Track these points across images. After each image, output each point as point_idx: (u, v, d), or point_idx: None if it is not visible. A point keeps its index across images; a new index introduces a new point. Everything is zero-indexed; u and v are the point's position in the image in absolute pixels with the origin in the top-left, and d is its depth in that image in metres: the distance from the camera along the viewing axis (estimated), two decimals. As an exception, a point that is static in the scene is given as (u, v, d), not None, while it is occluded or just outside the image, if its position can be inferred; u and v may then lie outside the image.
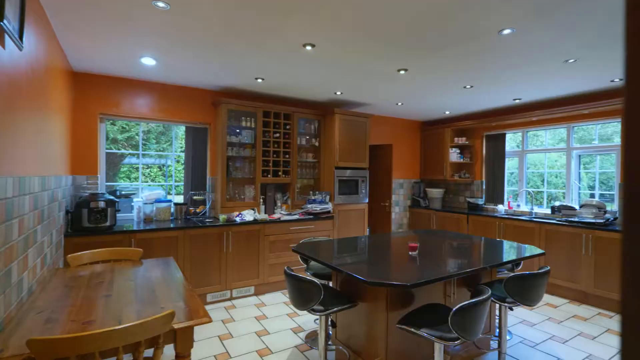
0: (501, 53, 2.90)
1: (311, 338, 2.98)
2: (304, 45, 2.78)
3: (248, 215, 4.10)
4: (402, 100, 4.73)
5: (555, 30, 2.45)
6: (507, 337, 3.06)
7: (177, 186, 5.04)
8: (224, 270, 3.81)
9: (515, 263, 2.96)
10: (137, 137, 4.99)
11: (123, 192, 4.05)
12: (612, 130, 4.49)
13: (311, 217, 4.45)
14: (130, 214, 3.96)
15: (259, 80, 3.85)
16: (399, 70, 3.39)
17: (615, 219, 4.09)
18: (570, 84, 3.80)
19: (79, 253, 2.45)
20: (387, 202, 5.78)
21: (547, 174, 5.32)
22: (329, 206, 4.63)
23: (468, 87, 3.96)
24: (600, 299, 3.80)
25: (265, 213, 4.53)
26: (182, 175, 4.53)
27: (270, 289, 4.16)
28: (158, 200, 3.90)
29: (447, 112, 5.59)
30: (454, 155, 5.80)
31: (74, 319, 1.52)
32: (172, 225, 3.57)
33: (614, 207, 4.28)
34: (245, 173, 4.46)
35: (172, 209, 4.07)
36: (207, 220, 3.99)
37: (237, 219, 3.99)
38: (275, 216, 4.35)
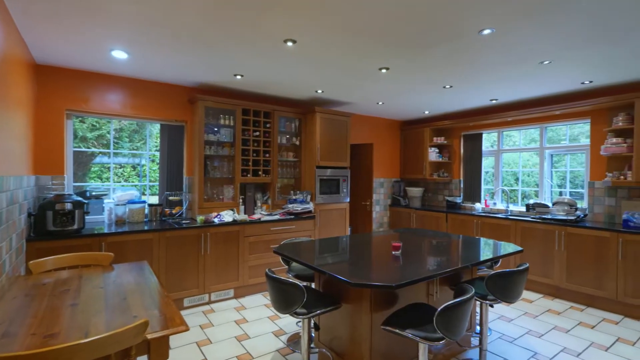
0: (480, 53, 2.94)
1: (293, 341, 2.92)
2: (285, 41, 2.70)
3: (227, 215, 3.98)
4: (382, 99, 4.73)
5: (533, 31, 2.49)
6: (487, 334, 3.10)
7: (152, 186, 4.83)
8: (202, 273, 3.68)
9: (494, 260, 3.01)
10: (108, 135, 4.75)
11: (94, 193, 3.84)
12: (578, 131, 4.68)
13: (292, 217, 4.38)
14: (101, 216, 3.76)
15: (238, 77, 3.74)
16: (380, 69, 3.38)
17: (585, 215, 4.26)
18: (544, 85, 3.92)
19: (43, 259, 2.27)
20: (368, 202, 5.78)
21: (520, 173, 5.48)
22: (310, 206, 4.57)
23: (448, 86, 4.01)
24: (572, 293, 3.94)
25: (245, 213, 4.41)
26: (157, 175, 4.34)
27: (250, 291, 4.05)
28: (131, 202, 3.71)
29: (427, 112, 5.66)
30: (433, 155, 5.88)
31: (35, 332, 1.39)
32: (146, 228, 3.40)
33: (583, 204, 4.45)
34: (224, 172, 4.33)
35: (147, 210, 3.89)
36: (183, 221, 3.84)
37: (216, 220, 3.86)
38: (256, 216, 4.25)
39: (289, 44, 2.74)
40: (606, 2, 2.06)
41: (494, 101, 4.76)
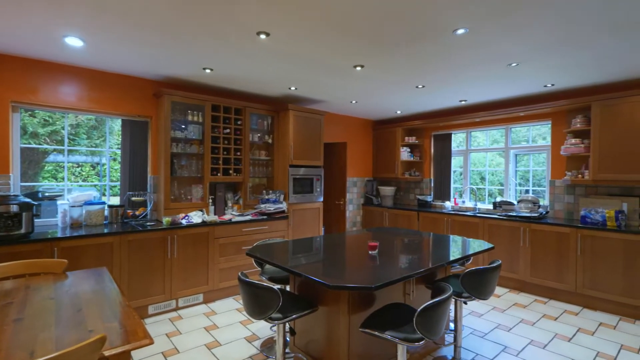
0: (454, 53, 2.97)
1: (267, 346, 2.81)
2: (259, 34, 2.59)
3: (196, 216, 3.78)
4: (356, 98, 4.71)
5: (504, 32, 2.55)
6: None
7: (114, 187, 4.50)
8: (169, 278, 3.47)
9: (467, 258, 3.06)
10: (63, 131, 4.38)
11: (47, 194, 3.51)
12: (536, 132, 4.92)
13: (265, 217, 4.25)
14: (55, 218, 3.44)
15: (208, 71, 3.56)
16: (355, 66, 3.34)
17: (547, 212, 4.48)
18: (510, 87, 4.07)
19: (-18, 268, 2.01)
20: (341, 201, 5.76)
21: (487, 172, 5.69)
22: (284, 205, 4.46)
23: (420, 86, 4.05)
24: (536, 287, 4.12)
25: (215, 214, 4.23)
26: (119, 174, 4.05)
27: (221, 295, 3.88)
28: (88, 203, 3.43)
29: (399, 112, 5.72)
30: (404, 154, 5.96)
31: (-33, 354, 1.20)
32: (105, 231, 3.15)
33: (545, 201, 4.68)
34: (192, 171, 4.12)
35: (106, 212, 3.61)
36: (148, 223, 3.60)
37: (183, 222, 3.66)
38: (226, 217, 4.07)
39: (263, 36, 2.63)
40: (574, 5, 2.13)
41: (463, 102, 4.89)
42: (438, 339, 1.79)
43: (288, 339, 2.74)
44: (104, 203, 3.54)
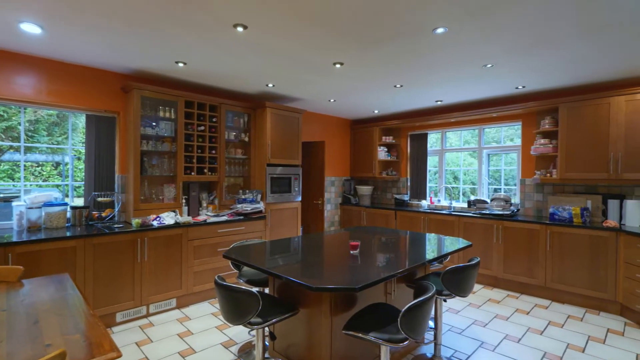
0: (432, 52, 2.99)
1: (245, 352, 2.70)
2: (235, 26, 2.48)
3: (168, 218, 3.60)
4: (335, 96, 4.68)
5: (482, 33, 2.59)
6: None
7: (78, 187, 4.22)
8: (138, 283, 3.28)
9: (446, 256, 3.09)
10: (20, 127, 4.05)
11: (1, 195, 3.22)
12: (504, 133, 5.10)
13: (241, 217, 4.12)
14: (10, 221, 3.16)
15: (181, 65, 3.40)
16: (335, 64, 3.29)
17: (518, 210, 4.63)
18: (484, 88, 4.17)
19: None
20: (319, 200, 5.71)
21: (457, 171, 5.83)
22: (261, 205, 4.35)
23: (398, 86, 4.07)
24: (508, 282, 4.26)
25: (189, 215, 4.05)
26: (84, 174, 3.79)
27: (195, 299, 3.72)
28: (48, 204, 3.17)
29: (376, 112, 5.75)
30: (382, 154, 5.99)
31: None
32: (68, 234, 2.92)
33: (515, 200, 4.84)
34: (164, 170, 3.93)
35: (69, 214, 3.37)
36: (115, 225, 3.39)
37: (155, 223, 3.47)
38: (201, 218, 3.91)
39: (240, 29, 2.52)
40: (547, 7, 2.19)
41: (439, 102, 4.97)
42: (420, 338, 1.77)
43: (267, 343, 2.65)
44: (66, 204, 3.29)
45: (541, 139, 4.31)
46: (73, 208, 3.36)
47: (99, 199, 3.55)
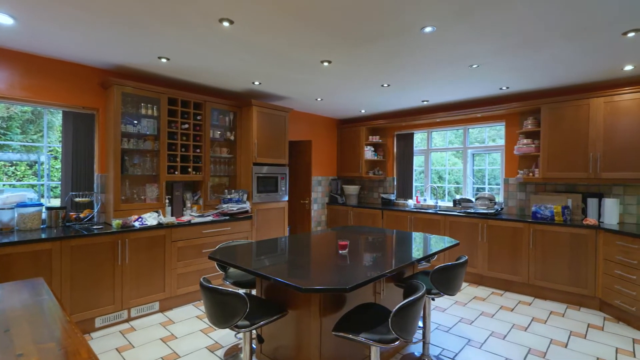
0: (420, 52, 3.00)
1: (231, 355, 2.63)
2: (221, 21, 2.41)
3: (150, 218, 3.49)
4: (322, 95, 4.65)
5: (469, 33, 2.60)
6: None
7: (55, 188, 4.03)
8: (119, 286, 3.15)
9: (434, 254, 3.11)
10: (-10, 124, 3.84)
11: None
12: (487, 134, 5.19)
13: (227, 218, 4.03)
14: (-22, 223, 2.99)
15: (164, 60, 3.29)
16: (322, 62, 3.26)
17: (502, 209, 4.72)
18: (470, 89, 4.22)
19: None
20: (306, 200, 5.67)
21: (442, 171, 5.90)
22: (247, 205, 4.27)
23: (385, 85, 4.07)
24: (493, 280, 4.32)
25: (173, 215, 3.94)
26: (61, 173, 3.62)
27: (179, 302, 3.62)
28: (21, 205, 3.02)
29: (363, 111, 5.75)
30: (368, 153, 6.00)
31: None
32: (43, 236, 2.78)
33: (499, 198, 4.93)
34: (147, 169, 3.80)
35: (44, 215, 3.21)
36: (94, 227, 3.26)
37: (136, 224, 3.35)
38: (185, 219, 3.81)
39: (225, 24, 2.45)
40: (533, 9, 2.22)
41: (425, 102, 5.01)
42: (411, 338, 1.76)
43: (254, 346, 2.59)
44: (41, 205, 3.14)
45: (524, 139, 4.40)
46: (49, 209, 3.21)
47: (77, 199, 3.41)
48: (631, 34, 2.56)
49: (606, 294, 3.47)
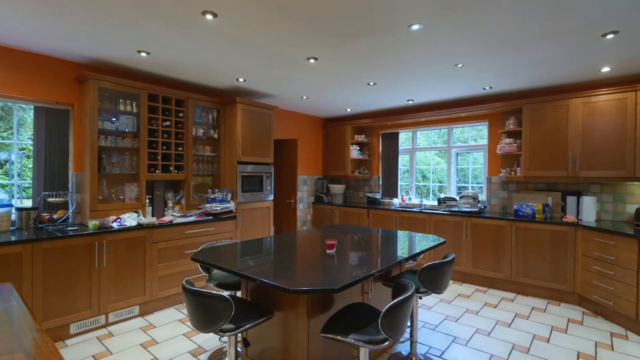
0: (406, 50, 2.99)
1: (215, 359, 2.55)
2: (204, 13, 2.33)
3: (130, 219, 3.35)
4: (308, 93, 4.59)
5: (455, 31, 2.61)
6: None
7: (28, 188, 3.82)
8: (96, 290, 3.01)
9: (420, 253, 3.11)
10: (-45, 119, 3.61)
11: None
12: (469, 134, 5.28)
13: (211, 218, 3.93)
14: (-61, 225, 2.79)
15: (143, 55, 3.16)
16: (309, 59, 3.21)
17: (485, 207, 4.79)
18: (454, 88, 4.26)
19: None
20: (292, 199, 5.60)
21: (426, 170, 5.96)
22: (231, 205, 4.18)
23: (372, 83, 4.06)
24: (476, 277, 4.39)
25: (153, 216, 3.80)
26: (32, 172, 3.43)
27: (160, 305, 3.49)
28: (-11, 205, 2.83)
29: (349, 110, 5.73)
30: (354, 152, 5.99)
31: None
32: (12, 238, 2.62)
33: (482, 197, 5.01)
34: (125, 168, 3.65)
35: (14, 216, 3.03)
36: (69, 228, 3.10)
37: (114, 225, 3.22)
38: (166, 219, 3.68)
39: (209, 16, 2.37)
40: (518, 9, 2.24)
41: (410, 101, 5.03)
42: (400, 337, 1.73)
43: (240, 349, 2.52)
44: (10, 205, 2.96)
45: (506, 139, 4.48)
46: (19, 209, 3.03)
47: (50, 200, 3.24)
48: (610, 36, 2.63)
49: (585, 289, 3.57)
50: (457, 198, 5.02)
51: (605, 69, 3.45)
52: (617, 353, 2.71)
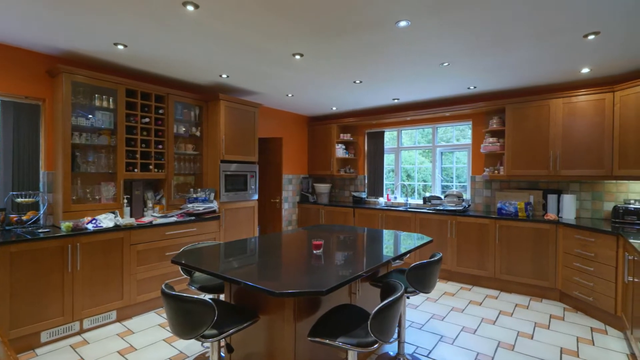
0: (393, 47, 2.96)
1: (198, 365, 2.45)
2: (185, 4, 2.22)
3: (106, 220, 3.20)
4: (293, 91, 4.52)
5: (443, 29, 2.60)
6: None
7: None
8: (69, 295, 2.85)
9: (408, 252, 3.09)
10: None
11: None
12: (453, 134, 5.33)
13: (193, 218, 3.80)
14: None
15: (120, 47, 3.01)
16: (294, 55, 3.14)
17: (469, 205, 4.84)
18: (439, 87, 4.28)
19: None
20: (277, 199, 5.51)
21: (410, 169, 5.98)
22: (214, 205, 4.06)
23: (358, 81, 4.02)
24: (461, 275, 4.42)
25: (132, 216, 3.65)
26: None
27: (139, 310, 3.35)
28: (-51, 206, 2.63)
29: (334, 108, 5.69)
30: (339, 151, 5.95)
31: None
32: (-24, 242, 2.44)
33: (466, 195, 5.06)
34: (102, 166, 3.49)
35: (-22, 218, 2.83)
36: (40, 230, 2.92)
37: (90, 226, 3.06)
38: (146, 219, 3.54)
39: (190, 7, 2.27)
40: (505, 8, 2.24)
41: (395, 100, 5.03)
42: (389, 339, 1.69)
43: (223, 355, 2.43)
44: (-26, 206, 2.76)
45: (490, 138, 4.54)
46: (-16, 211, 2.83)
47: (19, 200, 3.04)
48: (591, 37, 2.68)
49: (566, 285, 3.64)
50: (442, 197, 5.05)
51: (585, 70, 3.53)
52: (598, 348, 2.76)
